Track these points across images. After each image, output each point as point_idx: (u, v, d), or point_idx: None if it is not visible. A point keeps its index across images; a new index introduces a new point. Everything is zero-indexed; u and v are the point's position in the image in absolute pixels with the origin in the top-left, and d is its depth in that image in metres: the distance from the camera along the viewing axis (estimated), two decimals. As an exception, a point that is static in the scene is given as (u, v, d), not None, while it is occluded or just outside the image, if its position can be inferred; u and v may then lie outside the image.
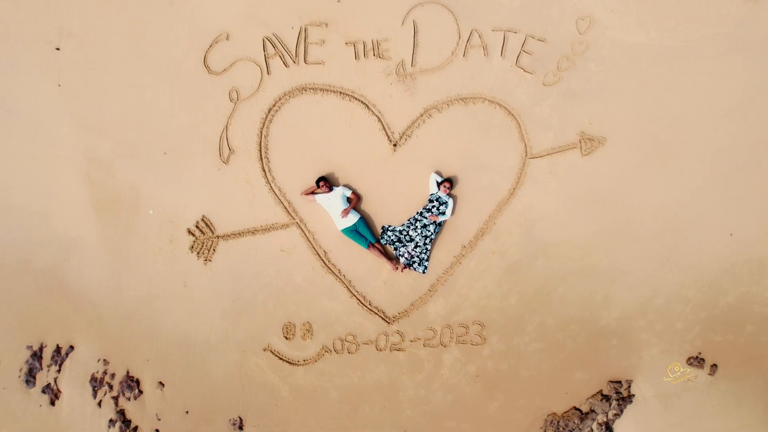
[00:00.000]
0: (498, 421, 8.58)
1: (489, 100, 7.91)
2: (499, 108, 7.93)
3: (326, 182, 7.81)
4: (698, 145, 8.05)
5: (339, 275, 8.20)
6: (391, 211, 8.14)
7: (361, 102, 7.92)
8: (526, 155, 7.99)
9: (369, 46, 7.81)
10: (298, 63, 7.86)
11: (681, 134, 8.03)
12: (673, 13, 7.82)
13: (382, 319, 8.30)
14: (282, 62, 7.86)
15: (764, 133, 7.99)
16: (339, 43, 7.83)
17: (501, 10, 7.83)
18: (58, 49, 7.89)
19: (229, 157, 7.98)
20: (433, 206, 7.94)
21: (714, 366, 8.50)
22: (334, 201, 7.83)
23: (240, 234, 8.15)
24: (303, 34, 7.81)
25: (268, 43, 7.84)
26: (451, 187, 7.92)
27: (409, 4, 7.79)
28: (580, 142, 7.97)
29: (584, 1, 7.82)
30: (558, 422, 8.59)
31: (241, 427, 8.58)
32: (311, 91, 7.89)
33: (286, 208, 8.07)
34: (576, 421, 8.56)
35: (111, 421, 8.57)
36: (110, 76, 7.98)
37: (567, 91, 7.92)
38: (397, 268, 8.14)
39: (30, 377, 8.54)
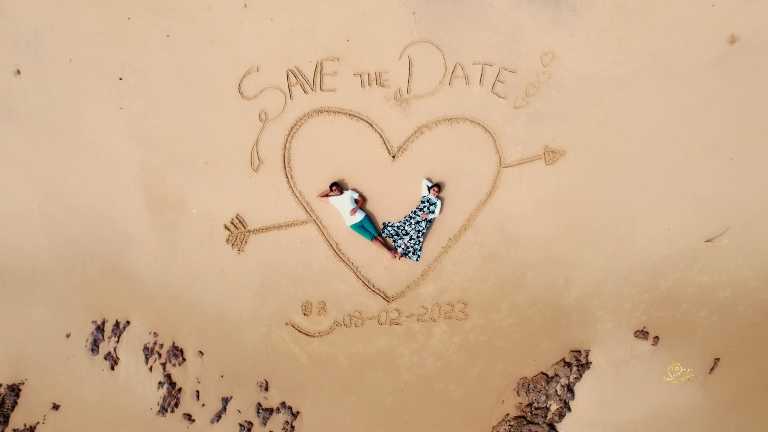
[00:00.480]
0: (479, 384, 10.41)
1: (470, 120, 9.72)
2: (478, 126, 9.74)
3: (338, 186, 9.63)
4: (641, 155, 9.85)
5: (348, 263, 10.03)
6: (390, 210, 9.96)
7: (366, 122, 9.73)
8: (500, 165, 9.81)
9: (372, 76, 9.62)
10: (315, 90, 9.68)
11: (627, 147, 9.84)
12: (619, 49, 9.61)
13: (383, 298, 10.13)
14: (302, 90, 9.68)
15: (694, 145, 9.79)
16: (348, 74, 9.64)
17: (479, 47, 9.63)
18: (120, 79, 9.72)
19: (258, 166, 9.81)
20: (425, 206, 9.75)
21: (656, 338, 10.31)
22: (344, 202, 9.65)
23: (267, 229, 9.98)
24: (319, 67, 9.63)
25: (290, 74, 9.65)
26: (439, 190, 9.74)
27: (405, 42, 9.59)
28: (545, 154, 9.77)
29: (547, 39, 9.62)
30: (528, 385, 10.41)
31: (266, 389, 10.42)
32: (325, 113, 9.72)
33: (305, 207, 9.90)
34: (543, 384, 10.39)
35: (160, 383, 10.41)
36: (162, 100, 9.80)
37: (534, 112, 9.73)
38: (395, 256, 9.96)
39: (94, 346, 10.39)
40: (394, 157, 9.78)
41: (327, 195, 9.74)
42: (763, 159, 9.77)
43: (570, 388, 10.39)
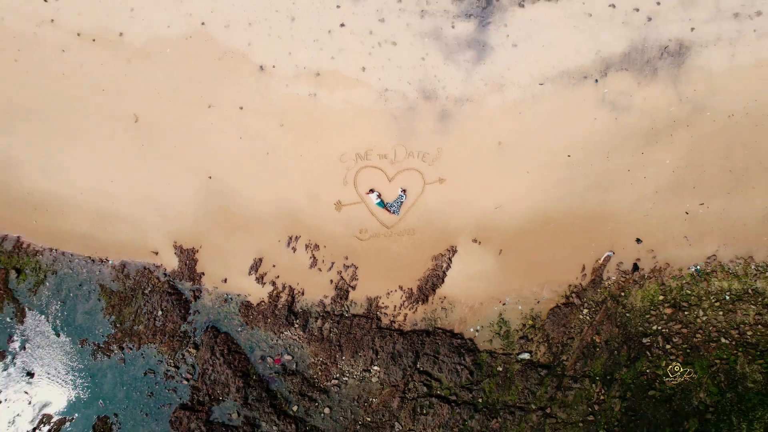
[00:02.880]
0: (422, 256, 30.32)
1: (414, 169, 29.63)
2: (416, 171, 29.63)
3: (371, 190, 29.58)
4: (478, 183, 29.63)
5: (374, 215, 30.02)
6: (388, 197, 29.88)
7: (380, 169, 29.67)
8: (425, 183, 29.71)
9: (383, 154, 29.51)
10: (364, 159, 29.59)
11: (473, 178, 29.67)
12: (463, 148, 29.45)
13: (386, 227, 30.08)
14: (359, 159, 29.59)
15: (497, 179, 29.61)
16: (375, 155, 29.55)
17: (418, 145, 29.49)
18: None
19: (346, 184, 29.78)
20: (399, 196, 29.68)
21: (480, 242, 30.10)
22: (373, 195, 29.57)
23: (347, 204, 29.96)
24: (366, 152, 29.55)
25: (356, 156, 29.54)
26: (405, 191, 29.65)
27: (393, 144, 29.45)
28: (439, 180, 29.64)
29: (439, 143, 29.42)
30: (440, 256, 30.25)
31: (347, 258, 30.40)
32: (368, 167, 29.67)
33: (360, 197, 29.88)
34: (447, 254, 30.20)
35: (310, 256, 30.42)
36: (311, 163, 29.79)
37: (436, 166, 29.59)
38: (390, 213, 29.89)
39: (288, 245, 30.39)
40: (390, 180, 29.73)
41: (367, 193, 29.64)
42: (517, 178, 29.56)
43: (451, 259, 30.24)
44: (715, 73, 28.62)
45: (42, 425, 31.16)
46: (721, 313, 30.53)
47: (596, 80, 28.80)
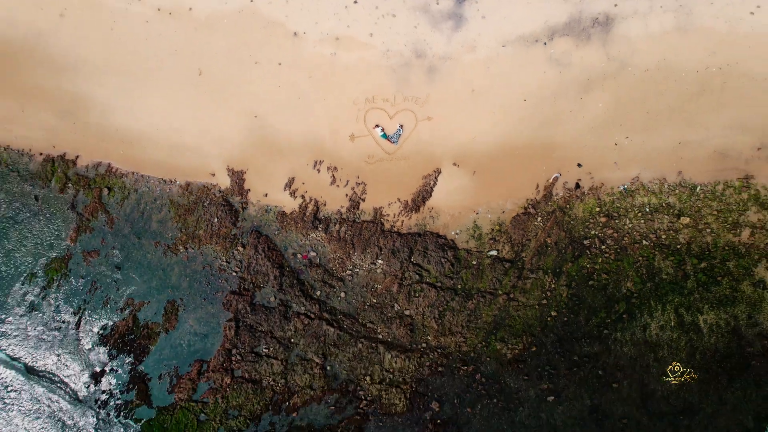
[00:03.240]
0: (414, 179, 40.16)
1: (410, 110, 39.54)
2: (411, 112, 39.53)
3: (377, 126, 39.47)
4: (455, 121, 39.55)
5: (379, 144, 39.92)
6: (390, 131, 39.74)
7: (383, 110, 39.59)
8: (417, 121, 39.61)
9: (387, 99, 39.42)
10: (372, 102, 39.51)
11: (452, 118, 39.52)
12: (443, 100, 39.38)
13: (387, 153, 39.93)
14: (369, 103, 39.51)
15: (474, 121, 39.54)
16: (380, 99, 39.45)
17: (410, 90, 39.42)
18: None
19: (358, 120, 39.69)
20: (398, 130, 39.56)
21: (457, 165, 39.90)
22: (378, 129, 39.46)
23: (359, 137, 39.87)
24: (373, 98, 39.48)
25: (366, 99, 39.47)
26: (402, 127, 39.53)
27: (394, 92, 39.38)
28: (427, 118, 39.53)
29: (426, 90, 39.33)
30: (429, 176, 40.09)
31: (358, 177, 40.24)
32: (375, 108, 39.59)
33: (368, 131, 39.78)
34: (432, 175, 40.02)
35: (331, 176, 40.27)
36: (336, 113, 39.78)
37: (425, 109, 39.50)
38: (391, 143, 39.74)
39: (314, 168, 40.27)
40: (391, 118, 39.63)
41: (374, 127, 39.52)
42: (486, 117, 39.42)
43: (437, 178, 40.03)
44: (634, 38, 38.46)
45: (127, 306, 40.95)
46: (642, 221, 40.14)
47: (545, 43, 38.75)
